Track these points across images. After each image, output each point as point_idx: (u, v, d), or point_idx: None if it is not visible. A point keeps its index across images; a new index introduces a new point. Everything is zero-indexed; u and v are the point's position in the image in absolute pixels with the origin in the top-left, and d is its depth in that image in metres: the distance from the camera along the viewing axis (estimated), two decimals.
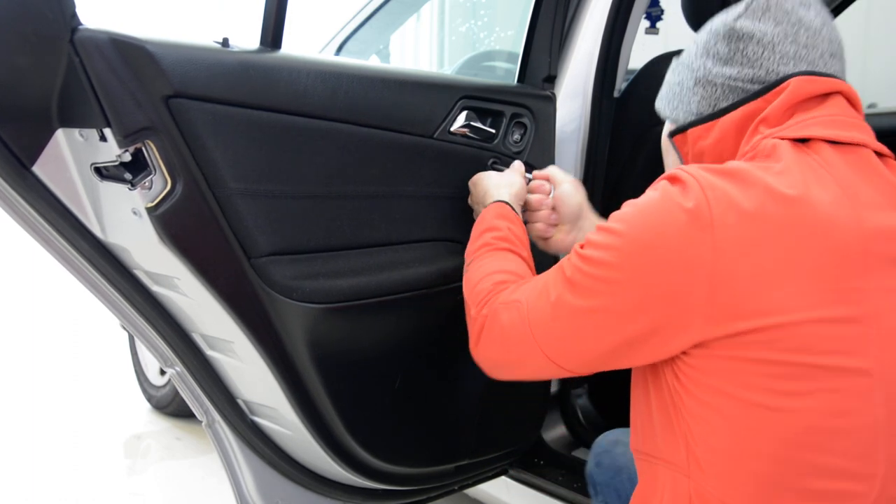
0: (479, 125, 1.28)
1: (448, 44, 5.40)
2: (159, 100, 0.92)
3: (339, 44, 2.32)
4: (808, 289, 0.69)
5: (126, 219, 0.98)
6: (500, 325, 0.90)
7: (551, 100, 1.43)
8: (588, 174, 1.59)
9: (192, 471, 2.27)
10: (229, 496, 1.32)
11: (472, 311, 0.97)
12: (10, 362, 3.13)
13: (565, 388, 1.72)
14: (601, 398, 1.73)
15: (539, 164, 1.37)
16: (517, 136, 1.35)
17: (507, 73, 2.46)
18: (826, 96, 0.81)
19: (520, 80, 1.48)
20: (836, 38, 0.84)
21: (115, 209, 0.98)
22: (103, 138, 0.92)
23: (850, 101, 0.82)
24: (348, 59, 1.46)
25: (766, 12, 0.83)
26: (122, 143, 0.91)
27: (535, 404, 1.56)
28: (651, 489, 0.84)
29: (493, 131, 1.31)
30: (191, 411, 1.27)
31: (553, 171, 1.21)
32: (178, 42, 0.95)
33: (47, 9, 0.84)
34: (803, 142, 0.78)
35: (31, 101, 0.88)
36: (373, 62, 2.47)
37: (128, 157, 0.92)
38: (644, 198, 0.78)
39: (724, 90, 0.85)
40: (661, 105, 0.95)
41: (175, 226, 0.96)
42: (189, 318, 1.13)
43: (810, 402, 0.70)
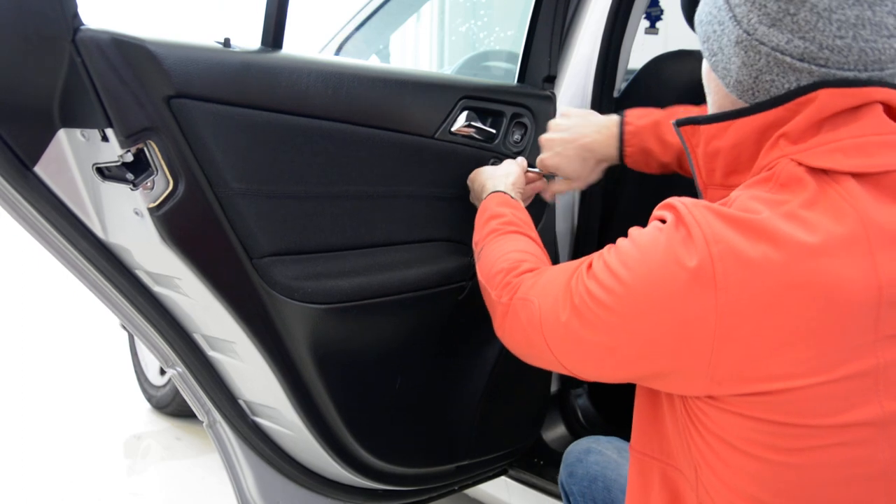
0: (479, 125, 1.28)
1: (448, 44, 5.40)
2: (161, 100, 0.92)
3: (339, 44, 2.32)
4: (815, 353, 0.65)
5: (128, 219, 0.98)
6: (519, 322, 0.89)
7: (551, 100, 1.43)
8: None
9: (193, 471, 2.27)
10: (230, 496, 1.33)
11: (493, 295, 0.96)
12: (10, 362, 3.13)
13: (565, 388, 1.72)
14: (601, 398, 1.73)
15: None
16: (517, 136, 1.35)
17: (507, 73, 2.46)
18: (859, 108, 0.69)
19: (520, 80, 1.48)
20: None
21: (116, 209, 0.98)
22: (105, 138, 0.92)
23: (889, 110, 0.70)
24: (349, 59, 1.46)
25: None
26: (124, 143, 0.91)
27: (535, 404, 1.56)
28: (653, 487, 0.83)
29: (494, 131, 1.31)
30: (191, 411, 1.27)
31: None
32: (180, 42, 0.95)
33: (49, 9, 0.84)
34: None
35: (32, 102, 0.88)
36: (373, 62, 2.47)
37: (130, 158, 0.93)
38: (648, 239, 0.72)
39: (769, 63, 0.71)
40: (701, 42, 0.79)
41: (177, 226, 0.96)
42: (190, 319, 1.13)
43: (816, 457, 0.68)
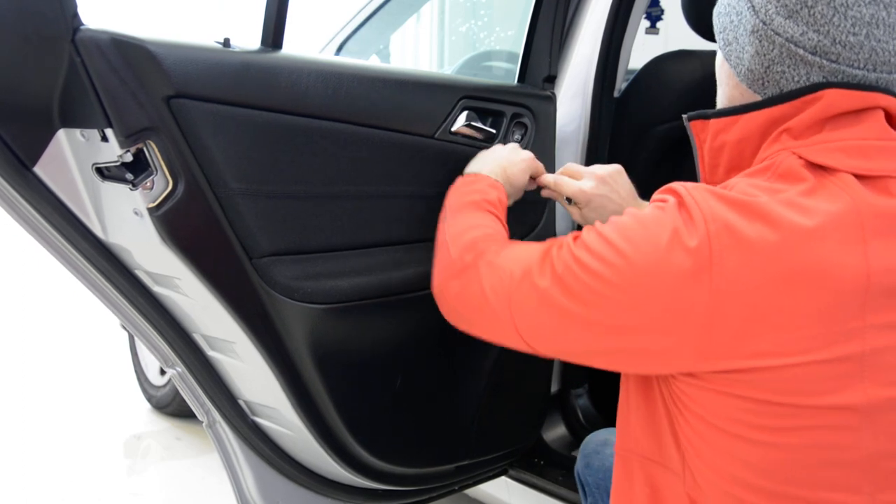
0: (479, 125, 1.28)
1: (448, 44, 5.40)
2: (161, 100, 0.92)
3: (339, 44, 2.32)
4: (805, 333, 0.66)
5: (127, 219, 0.98)
6: (478, 285, 0.87)
7: (552, 100, 1.43)
8: None
9: (193, 471, 2.27)
10: (230, 496, 1.32)
11: (453, 253, 0.94)
12: (10, 362, 3.13)
13: (565, 388, 1.72)
14: (601, 398, 1.73)
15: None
16: (518, 136, 1.35)
17: (507, 73, 2.47)
18: (863, 111, 0.72)
19: (520, 80, 1.47)
20: None
21: (116, 209, 0.98)
22: (105, 138, 0.92)
23: (890, 118, 0.73)
24: (349, 59, 1.46)
25: None
26: (124, 143, 0.91)
27: (536, 404, 1.56)
28: (635, 483, 0.84)
29: (494, 131, 1.31)
30: (191, 411, 1.27)
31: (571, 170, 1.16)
32: (180, 42, 0.95)
33: (48, 9, 0.84)
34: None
35: (32, 102, 0.87)
36: (373, 62, 2.47)
37: (129, 158, 0.92)
38: (651, 217, 0.73)
39: (782, 53, 0.73)
40: (716, 32, 0.82)
41: (176, 226, 0.96)
42: (190, 319, 1.13)
43: (797, 437, 0.69)
